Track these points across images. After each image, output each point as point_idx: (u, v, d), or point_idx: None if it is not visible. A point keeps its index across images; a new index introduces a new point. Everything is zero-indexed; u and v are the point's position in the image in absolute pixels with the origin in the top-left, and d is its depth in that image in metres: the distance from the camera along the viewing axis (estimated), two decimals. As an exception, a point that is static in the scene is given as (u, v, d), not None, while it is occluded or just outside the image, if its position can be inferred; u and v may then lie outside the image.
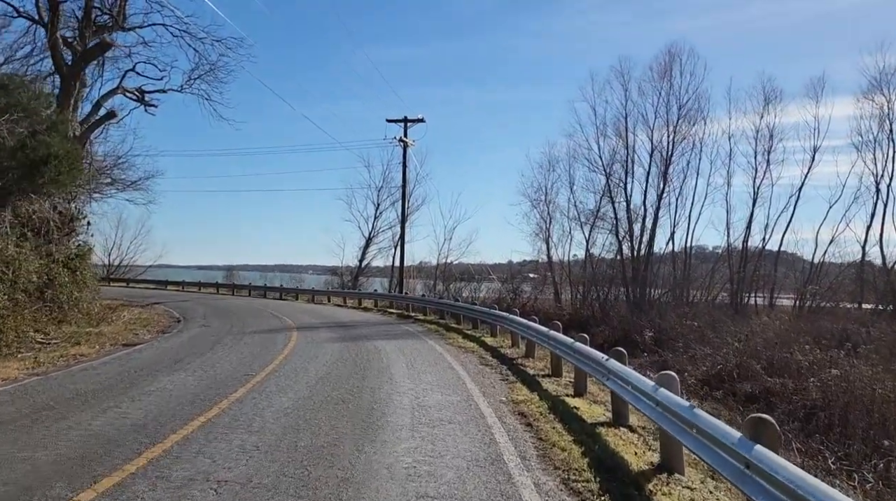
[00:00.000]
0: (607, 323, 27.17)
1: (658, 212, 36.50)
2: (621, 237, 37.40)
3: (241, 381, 9.68)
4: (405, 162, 38.81)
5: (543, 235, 42.40)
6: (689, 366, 18.19)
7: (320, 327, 19.77)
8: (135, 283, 53.29)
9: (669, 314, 24.46)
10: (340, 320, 22.74)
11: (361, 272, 50.76)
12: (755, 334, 20.92)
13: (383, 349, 14.43)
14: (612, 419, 8.13)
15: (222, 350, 13.71)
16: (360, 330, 19.30)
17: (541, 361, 13.61)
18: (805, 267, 37.46)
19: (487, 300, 38.59)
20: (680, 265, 38.65)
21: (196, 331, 18.32)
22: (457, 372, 11.37)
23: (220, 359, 12.20)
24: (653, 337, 22.07)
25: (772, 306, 36.72)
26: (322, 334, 17.60)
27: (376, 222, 49.10)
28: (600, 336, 25.22)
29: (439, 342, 16.50)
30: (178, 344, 14.94)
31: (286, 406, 7.99)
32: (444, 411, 8.05)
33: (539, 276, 45.08)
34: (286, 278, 57.38)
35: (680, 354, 19.78)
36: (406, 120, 37.99)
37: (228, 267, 65.98)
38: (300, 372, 10.81)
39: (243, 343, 15.07)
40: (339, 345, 14.93)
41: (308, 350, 13.90)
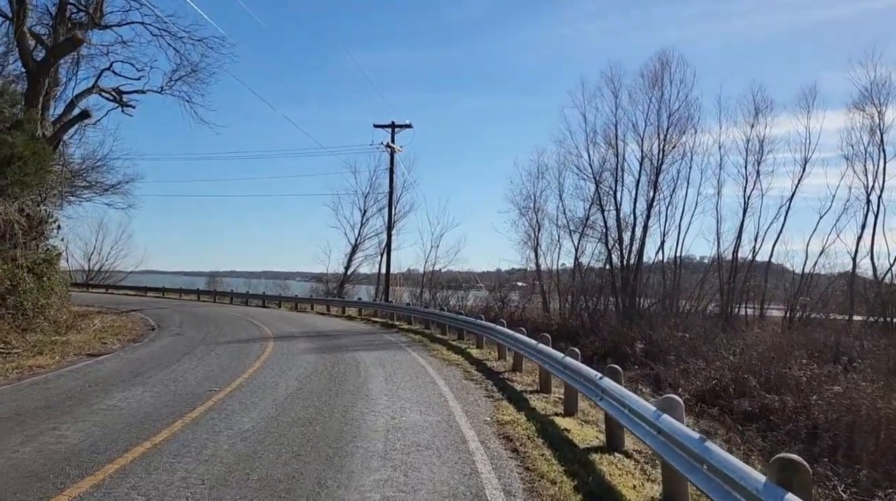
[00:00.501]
0: (597, 334, 26.52)
1: (648, 222, 35.98)
2: (610, 246, 36.84)
3: (203, 398, 8.89)
4: (392, 168, 38.14)
5: (532, 243, 41.77)
6: (682, 380, 17.55)
7: (299, 337, 18.95)
8: (114, 289, 52.16)
9: (660, 325, 23.84)
10: (321, 329, 21.92)
11: (347, 279, 49.93)
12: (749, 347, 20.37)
13: (362, 361, 13.66)
14: (606, 443, 7.42)
15: (190, 361, 12.89)
16: (340, 340, 18.51)
17: (529, 375, 12.91)
18: (795, 279, 37.04)
19: (475, 309, 37.89)
20: (670, 275, 38.11)
21: (168, 340, 17.47)
22: (439, 388, 10.63)
23: (186, 372, 11.39)
24: (644, 349, 21.42)
25: (762, 317, 36.23)
26: (300, 344, 16.79)
27: (363, 229, 48.36)
28: (589, 347, 24.56)
29: (422, 353, 15.75)
30: (146, 355, 14.10)
31: (246, 428, 7.20)
32: (421, 434, 7.30)
33: (527, 285, 44.45)
34: (271, 285, 56.39)
35: (672, 367, 19.14)
36: (393, 125, 37.34)
37: (215, 273, 64.96)
38: (269, 387, 10.02)
39: (214, 353, 14.25)
40: (316, 357, 14.15)
41: (282, 362, 13.10)
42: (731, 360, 16.51)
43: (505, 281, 44.58)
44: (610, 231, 37.01)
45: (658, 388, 16.78)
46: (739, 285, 36.71)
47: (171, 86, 27.65)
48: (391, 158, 37.93)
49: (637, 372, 19.53)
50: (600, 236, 37.43)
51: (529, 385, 11.69)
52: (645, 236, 36.17)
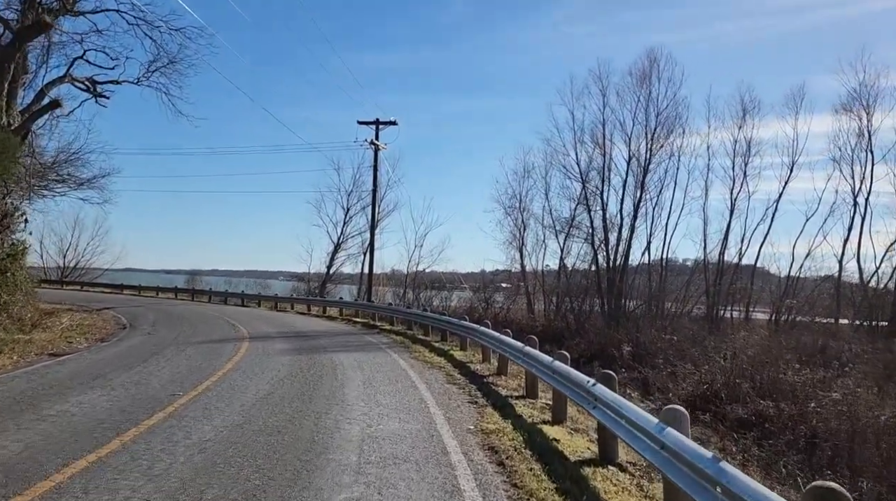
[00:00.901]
0: (583, 336, 26.06)
1: (635, 222, 35.65)
2: (596, 247, 36.45)
3: (164, 403, 8.22)
4: (376, 165, 37.47)
5: (517, 243, 41.30)
6: (671, 384, 17.11)
7: (276, 337, 18.26)
8: (90, 287, 50.96)
9: (647, 328, 23.42)
10: (299, 329, 21.23)
11: (329, 279, 49.13)
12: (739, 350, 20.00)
13: (340, 363, 13.03)
14: (599, 455, 6.87)
15: (158, 362, 12.19)
16: (319, 340, 17.85)
17: (514, 379, 12.36)
18: (781, 281, 36.89)
19: (459, 309, 37.31)
20: (655, 277, 37.81)
21: (138, 340, 16.72)
22: (420, 393, 10.04)
23: (151, 374, 10.70)
24: (631, 352, 20.97)
25: (747, 320, 36.05)
26: (276, 345, 16.12)
27: (346, 227, 47.59)
28: (575, 349, 24.08)
29: (404, 355, 15.14)
30: (112, 355, 13.37)
31: (207, 437, 6.57)
32: (399, 444, 6.71)
33: (512, 286, 43.98)
34: (252, 284, 55.37)
35: (660, 371, 18.71)
36: (378, 122, 36.68)
37: (195, 271, 63.77)
38: (238, 391, 9.37)
39: (185, 354, 13.54)
40: (292, 358, 13.49)
41: (255, 363, 12.44)
42: (721, 364, 16.08)
43: (489, 281, 44.08)
44: (596, 231, 36.68)
45: (647, 393, 16.33)
46: (725, 287, 36.52)
47: (148, 78, 26.77)
48: (375, 155, 37.28)
49: (625, 376, 19.04)
50: (586, 236, 37.08)
51: (515, 389, 11.14)
52: (632, 237, 35.88)
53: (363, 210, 46.14)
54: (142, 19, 23.59)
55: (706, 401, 13.67)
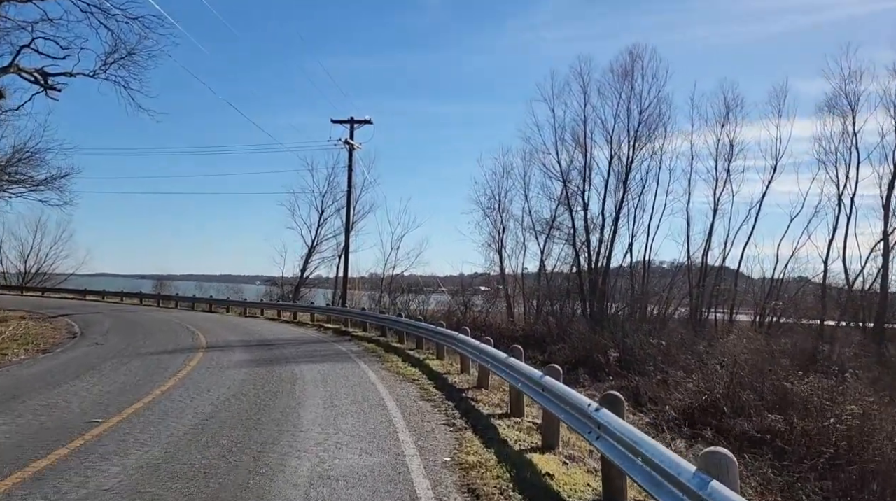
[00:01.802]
0: (566, 341, 24.83)
1: (617, 223, 34.64)
2: (578, 248, 35.33)
3: (75, 434, 6.77)
4: (350, 165, 36.01)
5: (496, 246, 40.06)
6: (664, 393, 15.96)
7: (236, 346, 16.76)
8: (51, 292, 48.76)
9: (634, 331, 22.29)
10: (264, 337, 19.73)
11: (303, 283, 47.51)
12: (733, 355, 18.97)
13: (302, 377, 11.61)
14: (604, 495, 5.58)
15: (92, 378, 10.68)
16: (283, 349, 16.38)
17: (496, 392, 11.07)
18: (765, 282, 36.11)
19: (437, 314, 35.96)
20: (638, 279, 36.82)
21: (83, 351, 15.17)
22: (388, 413, 8.68)
23: (77, 394, 9.22)
24: (618, 358, 19.80)
25: (731, 322, 35.22)
26: (234, 355, 14.64)
27: (320, 229, 45.98)
28: (559, 355, 22.87)
29: (374, 366, 13.77)
30: (44, 370, 11.83)
31: (108, 485, 5.15)
32: (357, 487, 5.36)
33: (491, 289, 42.73)
34: (224, 289, 53.43)
35: (650, 378, 17.56)
36: (352, 121, 35.26)
37: (164, 276, 61.48)
38: (172, 414, 7.94)
39: (126, 368, 12.04)
40: (248, 372, 12.05)
41: (204, 378, 10.98)
42: (718, 371, 14.94)
43: (468, 284, 42.79)
44: (578, 232, 35.62)
45: (638, 403, 15.13)
46: (709, 289, 35.65)
47: (105, 70, 25.22)
48: (350, 155, 35.82)
49: (613, 384, 17.85)
50: (567, 237, 36.00)
51: (498, 405, 9.84)
52: (614, 238, 34.88)
53: (338, 212, 44.66)
54: (97, 7, 22.01)
55: (706, 414, 12.49)
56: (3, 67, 22.06)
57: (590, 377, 19.17)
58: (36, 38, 22.90)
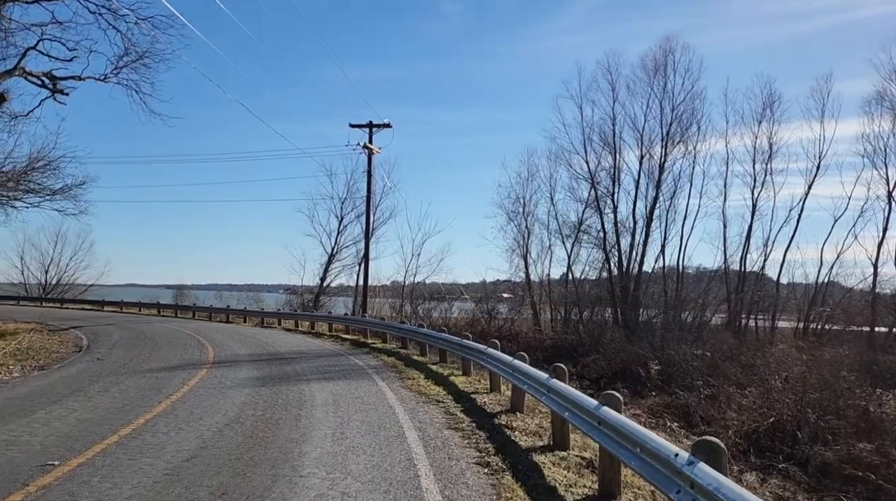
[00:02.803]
0: (599, 352, 23.21)
1: (650, 225, 32.86)
2: (608, 252, 33.65)
3: (17, 484, 5.45)
4: (370, 170, 34.85)
5: (521, 251, 38.56)
6: (714, 411, 14.35)
7: (244, 361, 15.47)
8: (71, 303, 48.22)
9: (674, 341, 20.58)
10: (277, 350, 18.43)
11: (323, 291, 46.41)
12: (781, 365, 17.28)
13: (311, 399, 10.24)
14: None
15: (73, 403, 9.42)
16: (294, 364, 15.05)
17: (532, 415, 9.62)
18: (808, 288, 34.07)
19: (460, 322, 34.55)
20: (672, 283, 35.01)
21: (82, 367, 14.02)
22: (408, 447, 7.26)
23: (46, 424, 7.94)
24: (660, 370, 18.17)
25: (773, 329, 33.28)
26: (241, 372, 13.34)
27: (340, 237, 44.83)
28: (593, 367, 21.29)
29: (394, 384, 12.35)
30: (28, 391, 10.64)
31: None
32: (365, 570, 3.95)
33: (514, 296, 41.16)
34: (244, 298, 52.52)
35: (697, 394, 15.92)
36: (371, 125, 34.13)
37: (195, 286, 60.91)
38: (150, 453, 6.60)
39: (118, 389, 10.78)
40: (252, 393, 10.71)
41: (200, 402, 9.66)
42: (778, 386, 13.29)
43: (492, 292, 41.29)
44: (607, 236, 33.92)
45: (690, 424, 13.54)
46: (748, 294, 33.75)
47: (116, 74, 24.36)
48: (369, 160, 34.68)
49: (656, 401, 16.26)
50: (596, 241, 34.34)
51: (536, 434, 8.38)
52: (647, 241, 33.10)
53: (358, 218, 43.49)
54: (105, 7, 21.06)
55: (773, 439, 10.87)
56: (8, 70, 21.15)
57: (629, 391, 17.56)
58: (41, 40, 22.07)
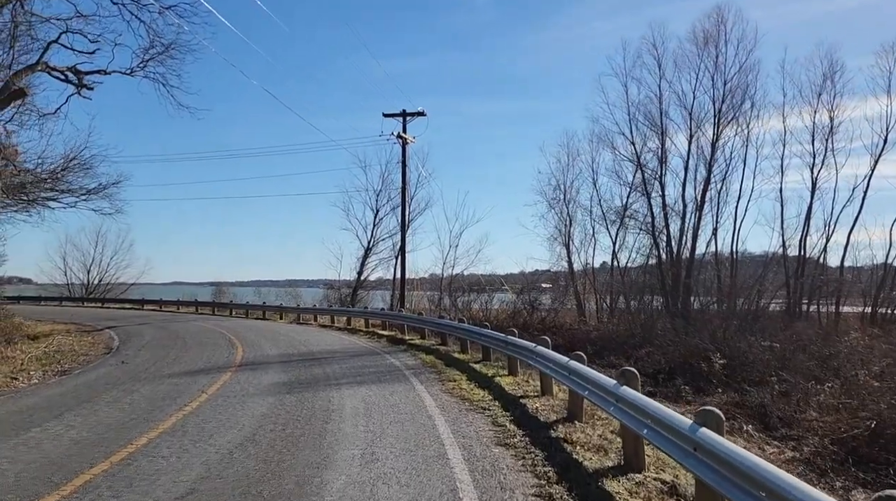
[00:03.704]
0: (653, 344, 21.62)
1: (702, 208, 30.94)
2: (657, 237, 31.87)
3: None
4: (404, 160, 33.82)
5: (563, 239, 37.04)
6: (791, 409, 12.80)
7: (273, 362, 14.46)
8: (111, 303, 48.43)
9: (739, 332, 18.89)
10: (309, 349, 17.42)
11: (361, 285, 45.56)
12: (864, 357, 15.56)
13: (340, 408, 9.09)
14: None
15: (76, 416, 8.45)
16: (326, 366, 13.97)
17: (593, 424, 8.29)
18: (875, 270, 31.78)
19: (501, 315, 33.28)
20: (725, 269, 33.07)
21: (100, 372, 13.21)
22: (451, 472, 6.03)
23: (35, 446, 6.94)
24: (725, 364, 16.57)
25: (837, 315, 31.11)
26: (266, 376, 12.29)
27: (376, 229, 43.84)
28: (647, 361, 19.72)
29: (433, 387, 11.14)
30: (33, 403, 9.76)
31: None
32: None
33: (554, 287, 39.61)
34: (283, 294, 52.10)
35: (770, 390, 14.33)
36: (405, 114, 33.10)
37: (239, 283, 60.92)
38: (141, 485, 5.50)
39: (131, 398, 9.82)
40: (275, 402, 9.61)
41: (216, 414, 8.60)
42: (869, 382, 11.67)
43: (534, 282, 39.85)
44: (655, 221, 32.14)
45: (767, 427, 12.00)
46: (809, 279, 31.63)
47: (143, 67, 23.72)
48: (403, 150, 33.64)
49: (723, 399, 14.70)
50: (644, 227, 32.61)
51: (601, 449, 7.06)
52: (699, 225, 31.19)
53: (393, 211, 42.42)
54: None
55: (875, 447, 9.32)
56: (30, 65, 20.55)
57: (691, 388, 16.01)
58: (64, 33, 21.43)
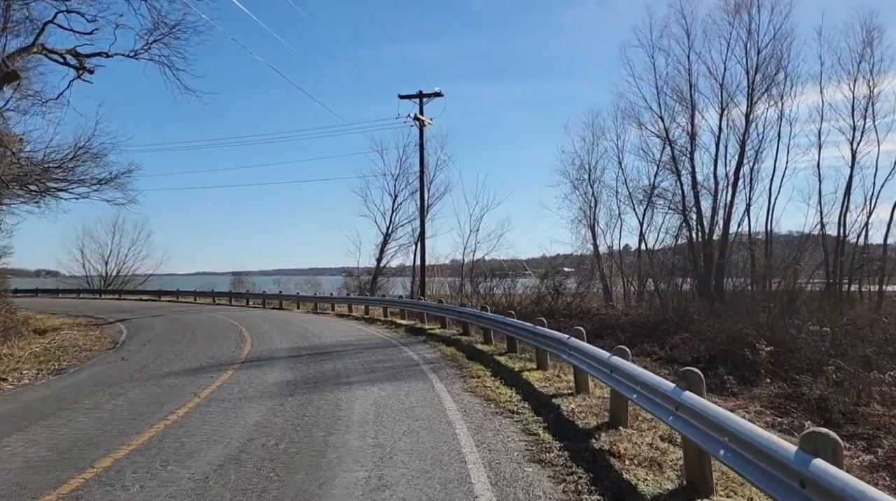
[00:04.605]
0: (688, 329, 20.24)
1: (736, 185, 29.32)
2: (687, 217, 30.32)
3: None
4: (422, 143, 32.57)
5: (588, 221, 35.71)
6: (853, 403, 11.46)
7: (281, 358, 13.39)
8: (129, 294, 47.93)
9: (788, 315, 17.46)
10: (322, 342, 16.35)
11: (380, 272, 44.62)
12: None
13: (348, 413, 7.96)
14: None
15: (44, 428, 7.41)
16: (338, 360, 12.86)
17: (640, 432, 7.05)
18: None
19: (524, 300, 32.07)
20: (759, 249, 31.47)
21: (93, 372, 12.25)
22: (473, 499, 4.86)
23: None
24: (771, 351, 15.18)
25: (881, 295, 29.44)
26: (270, 374, 11.21)
27: (394, 215, 42.85)
28: (684, 348, 18.41)
29: (454, 385, 9.96)
30: (8, 410, 8.74)
31: None
32: None
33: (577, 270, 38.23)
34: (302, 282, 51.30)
35: (825, 380, 12.97)
36: (421, 94, 31.79)
37: (262, 272, 60.36)
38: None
39: (114, 403, 8.78)
40: (274, 406, 8.50)
41: (203, 423, 7.50)
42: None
43: (558, 266, 38.52)
44: (686, 199, 30.57)
45: (829, 423, 10.65)
46: (849, 257, 29.94)
47: (147, 49, 22.78)
48: (420, 132, 32.36)
49: (772, 390, 13.38)
50: (675, 206, 31.08)
51: (654, 462, 5.86)
52: (733, 202, 29.58)
53: (412, 195, 41.38)
54: (129, -26, 19.31)
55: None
56: (25, 47, 19.59)
57: (735, 378, 14.68)
58: (60, 13, 20.43)
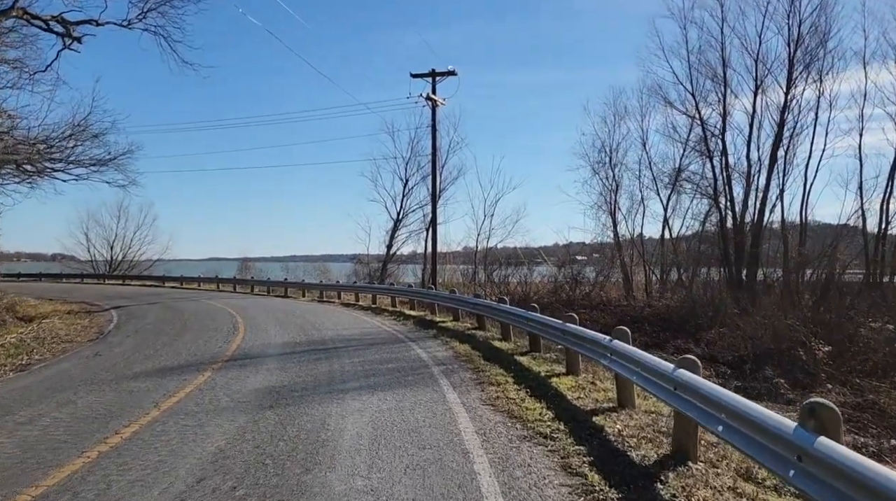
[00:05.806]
0: (724, 324, 18.46)
1: (772, 168, 27.23)
2: (718, 201, 28.34)
3: None
4: (434, 124, 30.75)
5: (608, 207, 33.75)
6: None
7: (271, 355, 11.75)
8: (132, 280, 46.66)
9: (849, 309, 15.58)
10: (322, 335, 14.70)
11: (390, 259, 43.00)
12: None
13: (336, 436, 6.29)
14: None
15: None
16: (334, 359, 11.20)
17: (713, 467, 5.35)
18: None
19: (542, 290, 30.40)
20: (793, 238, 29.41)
21: (56, 370, 10.74)
22: None
23: None
24: (830, 352, 13.40)
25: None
26: (255, 376, 9.58)
27: (405, 200, 41.10)
28: (722, 346, 16.64)
29: (470, 395, 8.27)
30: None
31: None
32: None
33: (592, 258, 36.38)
34: (311, 269, 49.85)
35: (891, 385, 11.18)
36: (434, 73, 29.91)
37: (274, 258, 59.06)
38: None
39: (53, 416, 7.18)
40: (246, 423, 6.84)
41: (150, 450, 5.87)
42: None
43: (576, 254, 36.70)
44: (717, 183, 28.57)
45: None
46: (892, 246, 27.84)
47: (141, 18, 21.27)
48: (433, 113, 30.55)
49: (836, 398, 11.59)
50: (704, 191, 29.04)
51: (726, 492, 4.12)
52: (768, 187, 27.52)
53: (423, 180, 39.60)
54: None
55: None
56: (3, 10, 18.02)
57: (787, 381, 12.92)
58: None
